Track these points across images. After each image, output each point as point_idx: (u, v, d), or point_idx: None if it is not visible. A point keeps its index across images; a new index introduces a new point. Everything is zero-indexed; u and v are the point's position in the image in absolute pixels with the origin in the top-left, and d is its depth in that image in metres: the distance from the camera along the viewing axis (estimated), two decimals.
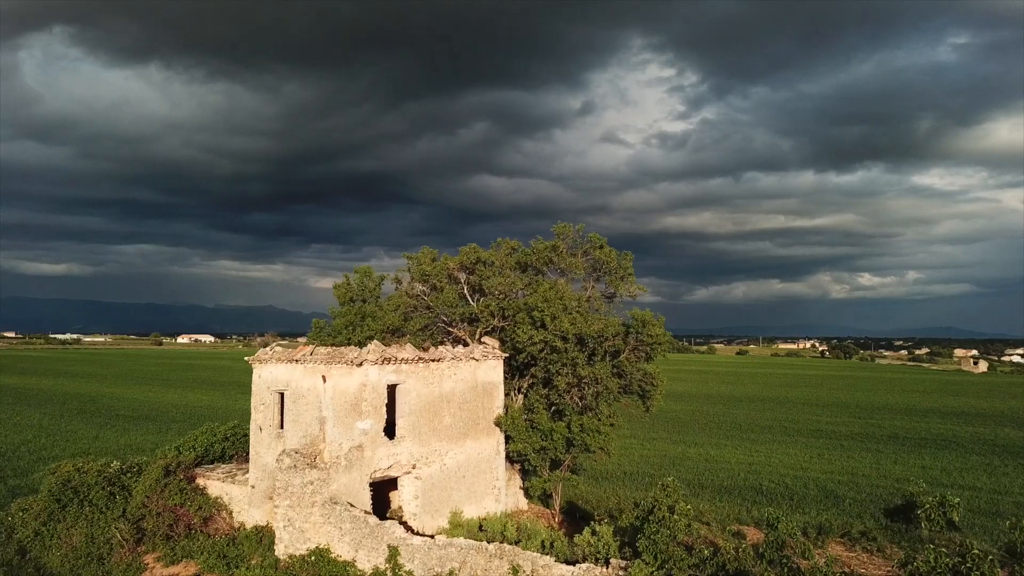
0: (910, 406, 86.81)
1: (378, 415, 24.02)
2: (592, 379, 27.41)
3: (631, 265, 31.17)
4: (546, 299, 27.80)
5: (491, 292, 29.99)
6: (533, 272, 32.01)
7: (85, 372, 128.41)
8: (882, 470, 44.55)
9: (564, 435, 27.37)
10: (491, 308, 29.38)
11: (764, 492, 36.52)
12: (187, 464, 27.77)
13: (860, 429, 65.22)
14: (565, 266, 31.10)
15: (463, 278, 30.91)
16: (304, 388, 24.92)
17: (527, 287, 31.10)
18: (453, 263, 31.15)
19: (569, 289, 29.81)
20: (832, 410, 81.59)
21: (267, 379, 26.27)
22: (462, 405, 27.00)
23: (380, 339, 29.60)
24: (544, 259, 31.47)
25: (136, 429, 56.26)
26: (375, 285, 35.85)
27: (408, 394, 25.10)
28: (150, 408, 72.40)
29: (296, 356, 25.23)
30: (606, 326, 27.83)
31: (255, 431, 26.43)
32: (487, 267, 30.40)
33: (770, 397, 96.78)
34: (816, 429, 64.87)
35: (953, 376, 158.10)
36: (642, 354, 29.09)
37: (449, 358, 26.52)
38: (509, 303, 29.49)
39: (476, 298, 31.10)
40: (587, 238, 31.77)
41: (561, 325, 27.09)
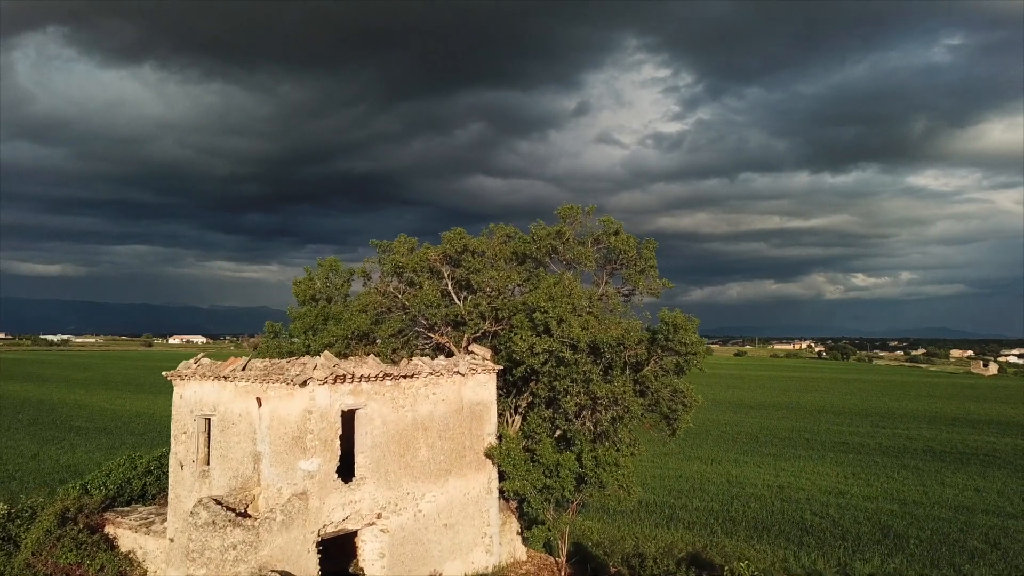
0: (933, 413, 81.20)
1: (328, 451, 18.02)
2: (610, 399, 21.43)
3: (654, 255, 25.25)
4: (551, 297, 21.87)
5: (481, 289, 24.03)
6: (533, 264, 26.10)
7: (56, 376, 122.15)
8: (932, 495, 38.75)
9: (574, 470, 21.42)
10: (481, 309, 23.44)
11: (809, 529, 30.61)
12: (92, 508, 21.70)
13: (889, 441, 59.52)
14: (573, 257, 25.19)
15: (447, 271, 24.95)
16: (235, 414, 18.95)
17: (526, 282, 25.18)
18: (434, 253, 25.18)
19: (579, 285, 23.84)
20: (851, 418, 75.92)
21: (190, 400, 20.29)
22: (443, 433, 21.03)
23: (342, 347, 23.61)
24: (547, 248, 25.56)
25: (86, 445, 50.13)
26: (343, 281, 29.86)
27: (371, 422, 19.11)
28: (111, 418, 66.29)
29: (225, 372, 19.26)
30: (626, 332, 21.84)
31: (175, 468, 20.44)
32: (476, 258, 24.43)
33: (781, 403, 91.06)
34: (841, 441, 59.11)
35: (964, 379, 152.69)
36: (671, 366, 23.14)
37: (426, 373, 20.55)
38: (504, 302, 23.56)
39: (463, 296, 25.14)
40: (599, 222, 25.89)
41: (570, 331, 21.17)
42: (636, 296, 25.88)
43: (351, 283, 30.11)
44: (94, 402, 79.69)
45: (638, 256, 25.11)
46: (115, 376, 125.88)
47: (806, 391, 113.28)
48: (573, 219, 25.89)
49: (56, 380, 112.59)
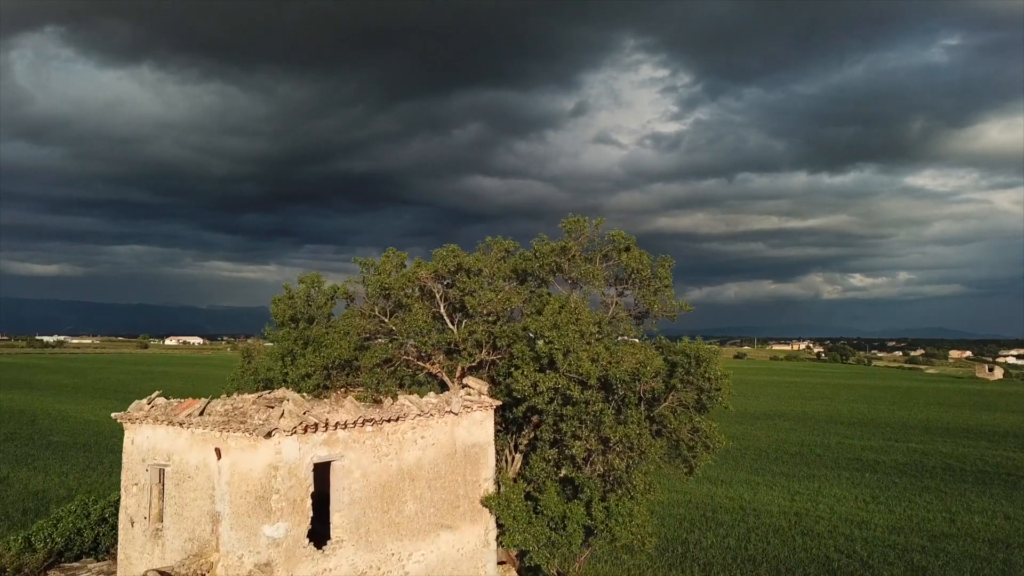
0: (945, 424, 78.64)
1: (298, 513, 15.39)
2: (625, 445, 18.80)
3: (670, 273, 22.65)
4: (555, 324, 19.25)
5: (477, 312, 21.39)
6: (535, 283, 23.50)
7: (45, 382, 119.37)
8: (960, 524, 36.18)
9: (582, 522, 18.81)
10: (477, 336, 20.79)
11: (836, 571, 28.00)
12: (34, 567, 19.07)
13: (904, 457, 56.96)
14: (579, 275, 22.59)
15: (439, 292, 22.32)
16: (191, 465, 16.34)
17: (527, 303, 22.56)
18: (425, 271, 22.52)
19: (586, 307, 21.22)
20: (861, 430, 73.36)
21: (142, 447, 17.68)
22: (434, 482, 18.43)
23: (321, 379, 20.96)
24: (550, 265, 22.96)
25: (60, 465, 47.41)
26: (325, 299, 27.16)
27: (348, 475, 16.49)
28: (93, 432, 63.61)
29: (180, 416, 16.61)
30: (643, 363, 19.20)
31: (125, 524, 17.82)
32: (472, 277, 21.78)
33: (787, 413, 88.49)
34: (854, 458, 56.53)
35: (970, 384, 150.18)
36: (691, 400, 20.52)
37: (414, 415, 17.94)
38: (503, 329, 20.93)
39: (457, 320, 22.52)
40: (608, 237, 23.29)
41: (578, 364, 18.55)
42: (651, 317, 23.32)
43: (334, 301, 27.47)
44: (79, 413, 76.97)
45: (652, 275, 22.52)
46: (105, 382, 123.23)
47: (811, 398, 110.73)
48: (579, 233, 23.29)
49: (43, 387, 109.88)
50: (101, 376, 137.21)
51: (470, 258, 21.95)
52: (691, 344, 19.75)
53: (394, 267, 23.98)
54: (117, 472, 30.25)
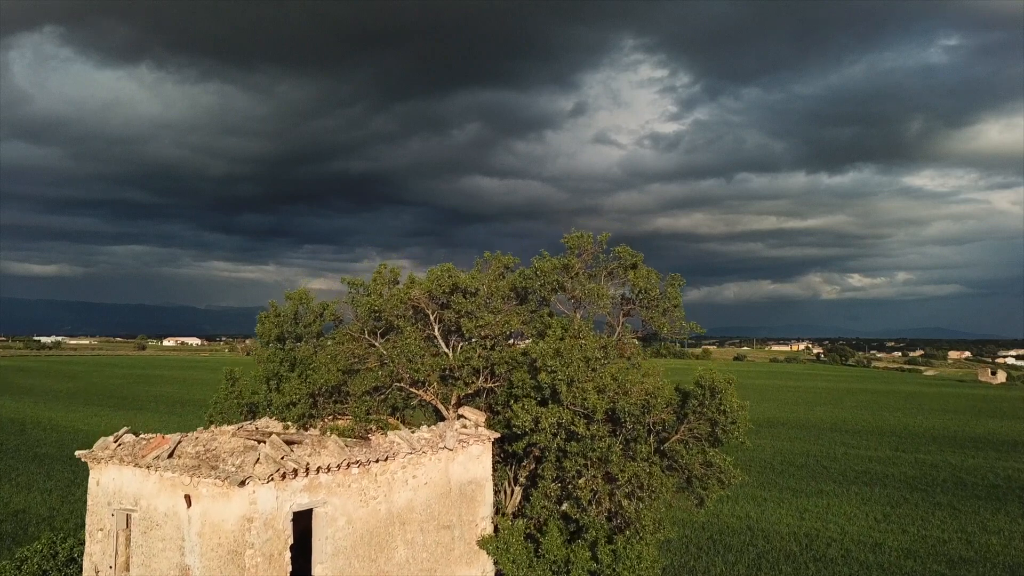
0: (952, 432, 77.24)
1: (275, 567, 13.95)
2: (635, 485, 17.35)
3: (680, 293, 21.22)
4: (558, 352, 17.79)
5: (474, 335, 19.96)
6: (536, 302, 22.05)
7: (38, 387, 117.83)
8: (977, 546, 34.80)
9: (587, 567, 17.36)
10: (473, 363, 19.34)
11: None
12: None
13: (913, 470, 55.54)
14: (583, 294, 21.15)
15: (433, 313, 20.86)
16: (159, 512, 14.88)
17: (527, 324, 21.13)
18: (419, 290, 21.08)
19: (589, 331, 19.78)
20: (867, 439, 72.00)
21: (108, 489, 16.20)
22: (427, 524, 16.98)
23: (306, 408, 19.51)
24: (552, 284, 21.50)
25: (45, 480, 45.97)
26: (314, 317, 25.74)
27: (332, 523, 15.03)
28: (83, 442, 61.73)
29: (147, 458, 15.15)
30: (653, 395, 17.76)
31: (89, 573, 16.34)
32: (468, 298, 20.33)
33: (790, 420, 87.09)
34: (862, 470, 55.13)
35: (974, 389, 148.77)
36: (704, 432, 19.08)
37: (405, 453, 16.49)
38: (500, 355, 19.50)
39: (453, 342, 21.08)
40: (613, 254, 21.86)
41: (583, 396, 17.10)
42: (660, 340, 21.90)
43: (324, 319, 26.04)
44: (70, 421, 75.47)
45: (661, 295, 21.08)
46: (99, 387, 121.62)
47: (814, 404, 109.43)
48: (582, 249, 21.89)
49: (36, 393, 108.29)
50: (95, 380, 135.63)
51: (466, 277, 20.53)
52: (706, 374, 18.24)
53: (386, 283, 22.60)
54: None
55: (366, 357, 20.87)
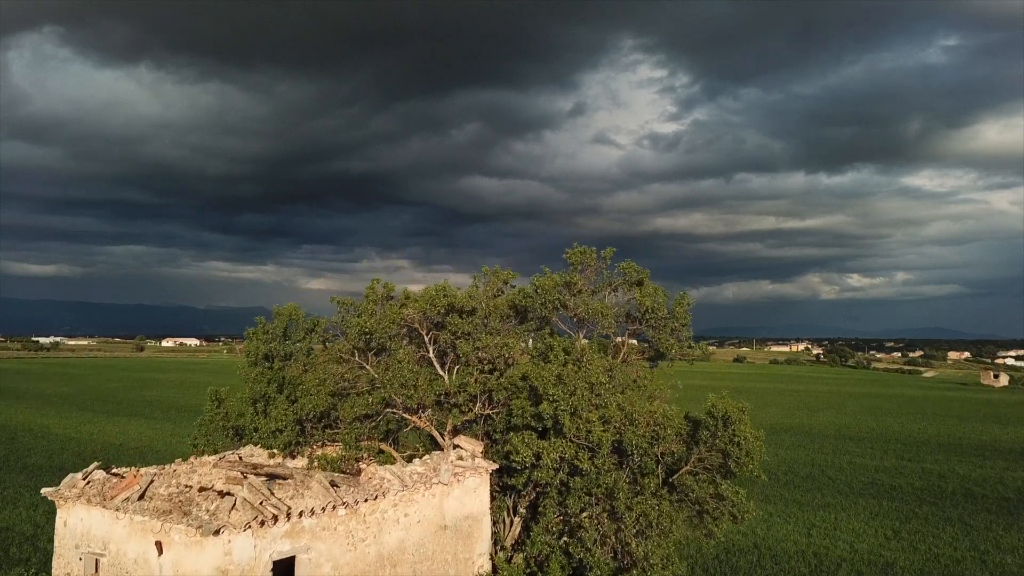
0: (957, 440, 76.13)
1: None
2: (644, 524, 16.22)
3: (688, 312, 20.09)
4: (560, 379, 16.67)
5: (471, 359, 18.82)
6: (537, 323, 20.91)
7: (32, 391, 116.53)
8: (992, 565, 33.76)
9: None
10: (470, 388, 18.21)
11: None
12: None
13: (920, 481, 54.42)
14: (586, 313, 20.01)
15: (427, 334, 19.73)
16: (129, 558, 13.76)
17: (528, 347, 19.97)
18: (413, 308, 19.94)
19: (594, 354, 18.64)
20: (871, 446, 70.85)
21: (75, 531, 15.06)
22: (420, 565, 15.85)
23: (293, 436, 18.36)
24: (553, 302, 20.36)
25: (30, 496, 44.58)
26: (304, 333, 24.60)
27: (317, 569, 13.89)
28: (74, 451, 60.75)
29: (116, 500, 14.02)
30: (662, 425, 16.64)
31: None
32: (465, 319, 19.19)
33: (793, 426, 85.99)
34: (868, 481, 54.00)
35: (976, 393, 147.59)
36: (716, 462, 17.96)
37: (396, 490, 15.35)
38: (498, 381, 18.36)
39: (448, 364, 19.95)
40: (618, 270, 20.74)
41: (588, 428, 15.97)
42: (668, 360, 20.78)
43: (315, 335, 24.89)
44: (63, 428, 74.16)
45: (670, 315, 19.95)
46: (95, 391, 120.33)
47: (816, 408, 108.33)
48: (586, 265, 20.76)
49: (29, 397, 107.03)
50: (91, 384, 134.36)
51: (463, 296, 19.39)
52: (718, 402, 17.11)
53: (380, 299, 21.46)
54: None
55: (356, 380, 19.75)
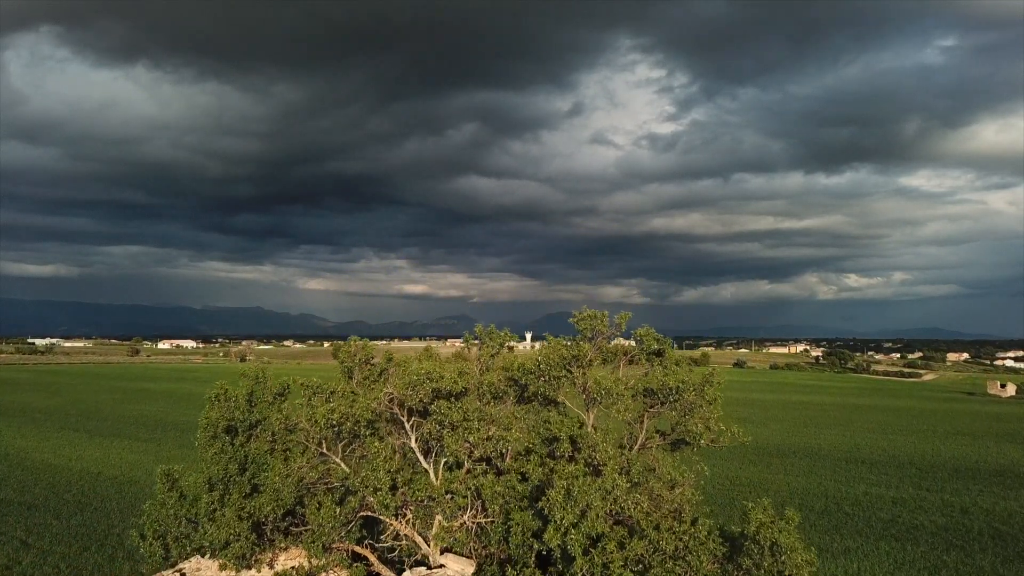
0: (974, 463, 73.18)
1: None
2: None
3: (719, 394, 17.01)
4: (569, 493, 13.57)
5: (461, 457, 15.71)
6: (540, 404, 17.81)
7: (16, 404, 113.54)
8: None
9: None
10: (459, 499, 15.09)
11: None
12: None
13: (943, 518, 51.32)
14: (598, 393, 16.90)
15: (408, 421, 16.61)
16: None
17: (530, 433, 16.88)
18: (396, 386, 16.81)
19: (611, 448, 15.54)
20: (886, 473, 67.81)
21: None
22: None
23: (244, 549, 15.20)
24: (559, 378, 17.24)
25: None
26: (272, 397, 21.44)
27: None
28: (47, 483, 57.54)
29: None
30: (692, 549, 13.52)
31: None
32: (454, 405, 16.07)
33: (802, 448, 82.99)
34: (888, 519, 50.90)
35: (986, 406, 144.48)
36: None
37: None
38: (494, 488, 15.23)
39: (434, 455, 16.82)
40: (633, 336, 17.65)
41: (606, 560, 12.86)
42: (693, 443, 17.70)
43: (284, 398, 21.74)
44: (40, 452, 71.00)
45: (698, 394, 16.85)
46: (82, 405, 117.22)
47: (822, 425, 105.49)
48: (597, 332, 17.66)
49: (13, 411, 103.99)
50: (79, 396, 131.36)
51: (451, 377, 16.21)
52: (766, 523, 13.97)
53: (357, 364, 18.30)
54: (65, 544, 24.50)
55: (326, 475, 16.64)
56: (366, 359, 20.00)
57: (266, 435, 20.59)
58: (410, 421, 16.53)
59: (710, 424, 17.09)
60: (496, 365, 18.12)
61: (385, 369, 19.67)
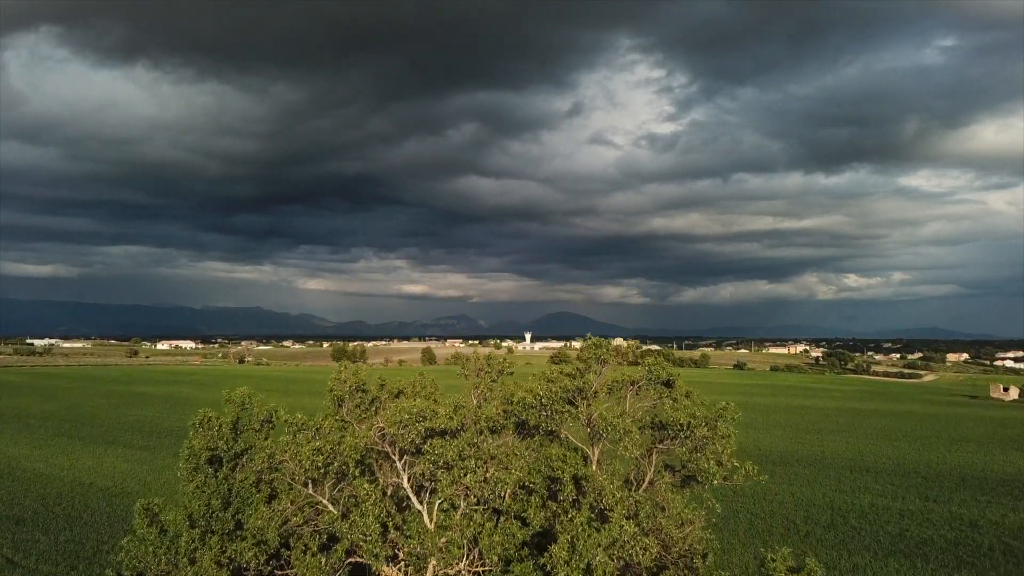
0: (980, 472, 72.09)
1: None
2: None
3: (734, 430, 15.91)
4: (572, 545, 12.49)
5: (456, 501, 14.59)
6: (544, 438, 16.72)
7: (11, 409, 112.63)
8: None
9: None
10: (454, 550, 13.98)
11: None
12: None
13: (951, 532, 50.22)
14: (604, 429, 15.81)
15: (400, 460, 15.51)
16: None
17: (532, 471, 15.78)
18: (386, 419, 15.70)
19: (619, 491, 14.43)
20: (892, 483, 66.69)
21: None
22: None
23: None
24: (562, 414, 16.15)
25: None
26: (259, 424, 20.33)
27: None
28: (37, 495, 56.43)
29: None
30: None
31: None
32: (448, 443, 14.95)
33: (805, 456, 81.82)
34: (896, 533, 49.80)
35: (990, 410, 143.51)
36: None
37: None
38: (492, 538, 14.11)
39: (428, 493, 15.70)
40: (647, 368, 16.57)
41: None
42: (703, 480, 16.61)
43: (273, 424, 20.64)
44: (32, 461, 69.87)
45: (711, 431, 15.75)
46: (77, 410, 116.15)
47: (825, 431, 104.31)
48: (603, 360, 16.54)
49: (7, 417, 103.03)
50: (75, 401, 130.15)
51: (445, 414, 15.08)
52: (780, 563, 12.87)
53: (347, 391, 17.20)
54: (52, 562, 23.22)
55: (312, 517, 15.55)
56: (357, 387, 18.92)
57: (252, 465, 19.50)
58: (402, 460, 15.45)
59: (722, 459, 16.02)
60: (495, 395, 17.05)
61: (377, 397, 18.61)
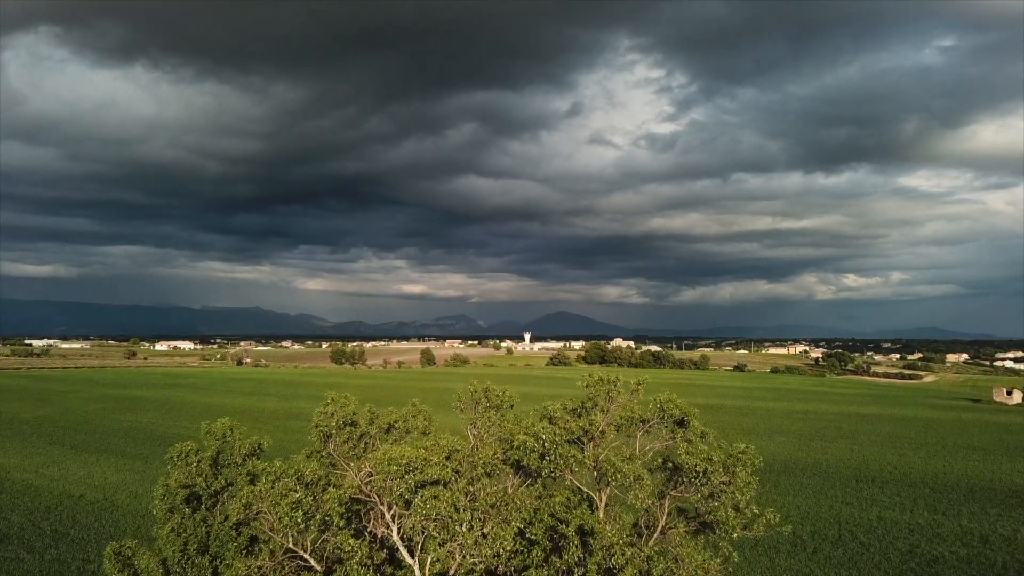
0: (988, 482, 70.76)
1: None
2: None
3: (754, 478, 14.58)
4: None
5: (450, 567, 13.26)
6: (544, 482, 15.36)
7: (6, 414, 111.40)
8: None
9: None
10: None
11: None
12: None
13: (963, 548, 48.92)
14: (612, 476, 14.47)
15: (389, 511, 14.15)
16: None
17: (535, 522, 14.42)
18: (373, 465, 14.35)
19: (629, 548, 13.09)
20: (899, 492, 65.42)
21: None
22: None
23: None
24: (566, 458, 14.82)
25: None
26: (242, 458, 19.00)
27: None
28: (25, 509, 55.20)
29: None
30: None
31: None
32: (442, 495, 13.60)
33: (809, 464, 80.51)
34: (906, 549, 48.52)
35: (994, 416, 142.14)
36: None
37: None
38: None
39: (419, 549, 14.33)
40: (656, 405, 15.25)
41: None
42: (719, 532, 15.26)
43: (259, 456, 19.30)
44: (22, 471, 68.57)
45: (728, 477, 14.41)
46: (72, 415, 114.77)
47: (829, 437, 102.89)
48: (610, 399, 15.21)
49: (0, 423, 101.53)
50: (70, 406, 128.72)
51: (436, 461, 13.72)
52: None
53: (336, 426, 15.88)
54: None
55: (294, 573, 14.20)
56: (345, 421, 17.61)
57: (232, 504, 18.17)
58: (391, 512, 14.10)
59: (739, 505, 14.75)
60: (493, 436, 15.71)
61: (366, 432, 17.31)
